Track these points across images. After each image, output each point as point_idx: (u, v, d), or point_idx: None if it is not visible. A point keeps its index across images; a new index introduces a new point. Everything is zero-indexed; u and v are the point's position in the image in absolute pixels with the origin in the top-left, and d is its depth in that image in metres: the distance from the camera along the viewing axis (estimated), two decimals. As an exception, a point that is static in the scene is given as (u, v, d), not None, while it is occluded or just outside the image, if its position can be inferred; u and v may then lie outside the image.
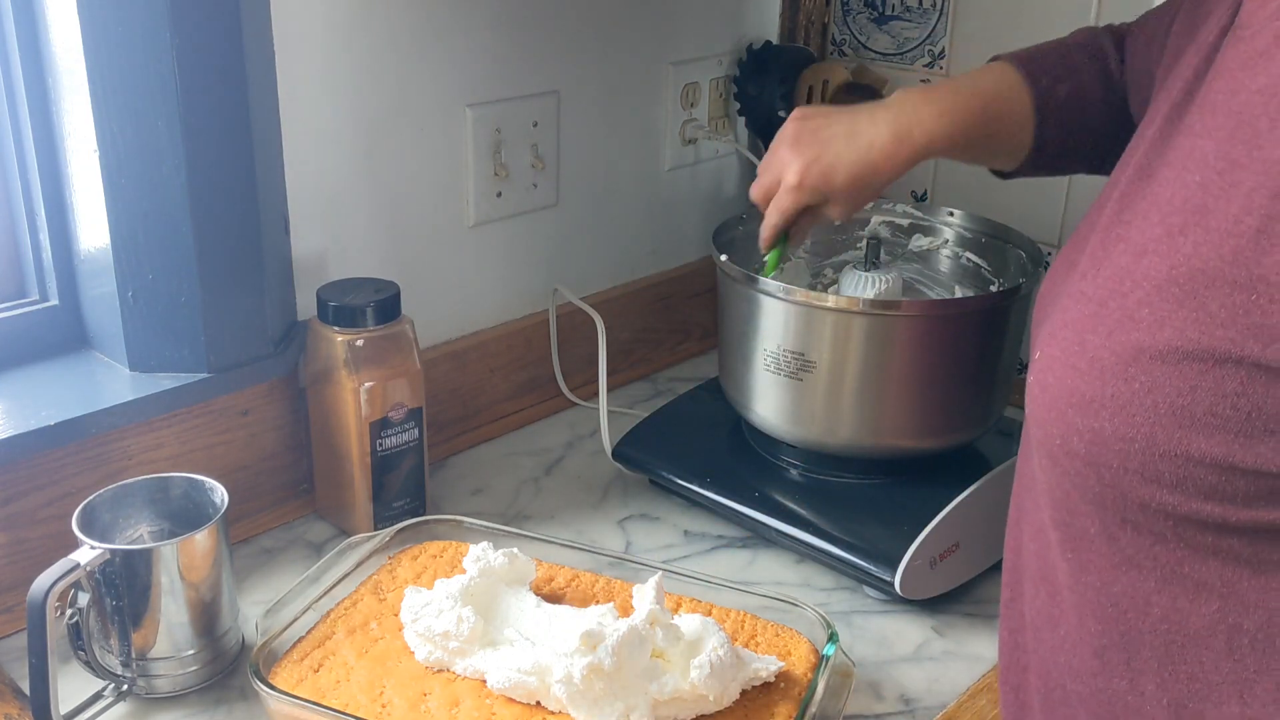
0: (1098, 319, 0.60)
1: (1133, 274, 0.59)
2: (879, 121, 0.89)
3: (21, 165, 0.97)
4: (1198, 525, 0.58)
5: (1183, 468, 0.56)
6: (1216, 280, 0.55)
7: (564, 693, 0.76)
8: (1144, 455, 0.57)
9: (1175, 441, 0.56)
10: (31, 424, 0.89)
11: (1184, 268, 0.56)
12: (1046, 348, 0.64)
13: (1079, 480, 0.62)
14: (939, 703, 0.88)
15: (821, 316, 0.99)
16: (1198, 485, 0.56)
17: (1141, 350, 0.57)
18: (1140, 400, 0.57)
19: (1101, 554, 0.63)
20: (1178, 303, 0.56)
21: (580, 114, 1.25)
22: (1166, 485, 0.57)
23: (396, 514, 1.03)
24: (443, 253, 1.18)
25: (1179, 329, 0.55)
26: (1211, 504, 0.56)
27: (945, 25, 1.34)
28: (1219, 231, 0.55)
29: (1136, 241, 0.60)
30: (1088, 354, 0.60)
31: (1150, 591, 0.61)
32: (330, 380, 0.99)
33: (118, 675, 0.83)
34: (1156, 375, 0.56)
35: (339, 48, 1.03)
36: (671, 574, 0.90)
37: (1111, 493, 0.60)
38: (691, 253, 1.44)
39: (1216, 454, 0.55)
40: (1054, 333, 0.64)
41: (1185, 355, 0.55)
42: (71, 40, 0.89)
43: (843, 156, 0.89)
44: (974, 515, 0.99)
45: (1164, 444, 0.56)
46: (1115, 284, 0.60)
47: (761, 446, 1.10)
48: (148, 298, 0.96)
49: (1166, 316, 0.56)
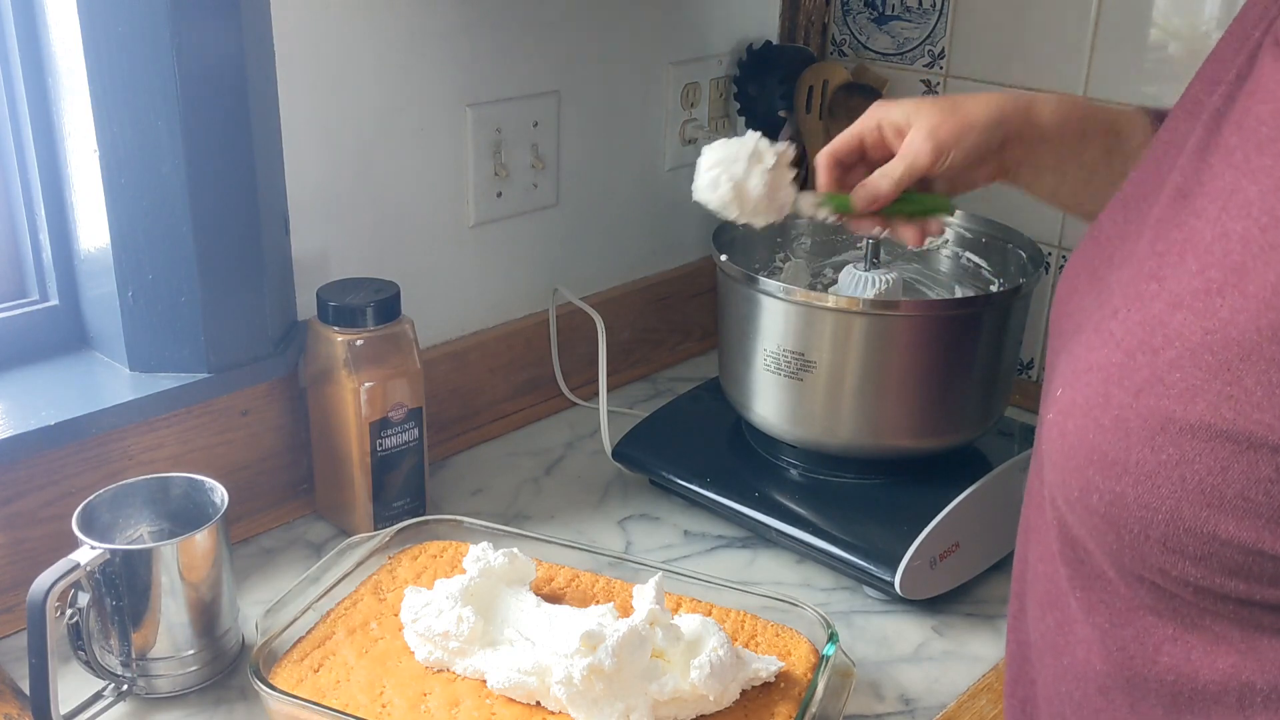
0: (1125, 372, 0.57)
1: (1165, 328, 0.55)
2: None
3: (21, 165, 0.97)
4: (1219, 596, 0.55)
5: (1208, 545, 0.53)
6: (1253, 354, 0.51)
7: (564, 693, 0.76)
8: (1167, 526, 0.54)
9: (1202, 520, 0.53)
10: (31, 424, 0.89)
11: (1220, 334, 0.53)
12: (1068, 389, 0.60)
13: (1095, 533, 0.59)
14: (939, 703, 0.88)
15: (821, 316, 0.99)
16: (1223, 563, 0.53)
17: (1171, 420, 0.54)
18: (1167, 473, 0.54)
19: (1114, 596, 0.60)
20: (1212, 373, 0.53)
21: (580, 114, 1.25)
22: (1190, 558, 0.54)
23: (396, 514, 1.03)
24: (443, 253, 1.18)
25: (1212, 404, 0.52)
26: (1236, 580, 0.53)
27: (945, 25, 1.34)
28: (1258, 300, 0.52)
29: (1172, 290, 0.56)
30: (1112, 410, 0.56)
31: (1162, 640, 0.59)
32: (330, 380, 1.00)
33: (118, 675, 0.83)
34: (1186, 450, 0.53)
35: (339, 48, 1.03)
36: (671, 574, 0.90)
37: (1130, 552, 0.57)
38: (691, 253, 1.44)
39: (1245, 538, 0.52)
40: (1077, 374, 0.60)
41: (1218, 434, 0.52)
42: (71, 40, 0.89)
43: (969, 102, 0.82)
44: (974, 515, 0.99)
45: (1190, 520, 0.53)
46: (1146, 335, 0.56)
47: (761, 446, 1.10)
48: (148, 298, 0.96)
49: (1200, 387, 0.53)
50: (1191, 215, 0.58)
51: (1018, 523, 0.72)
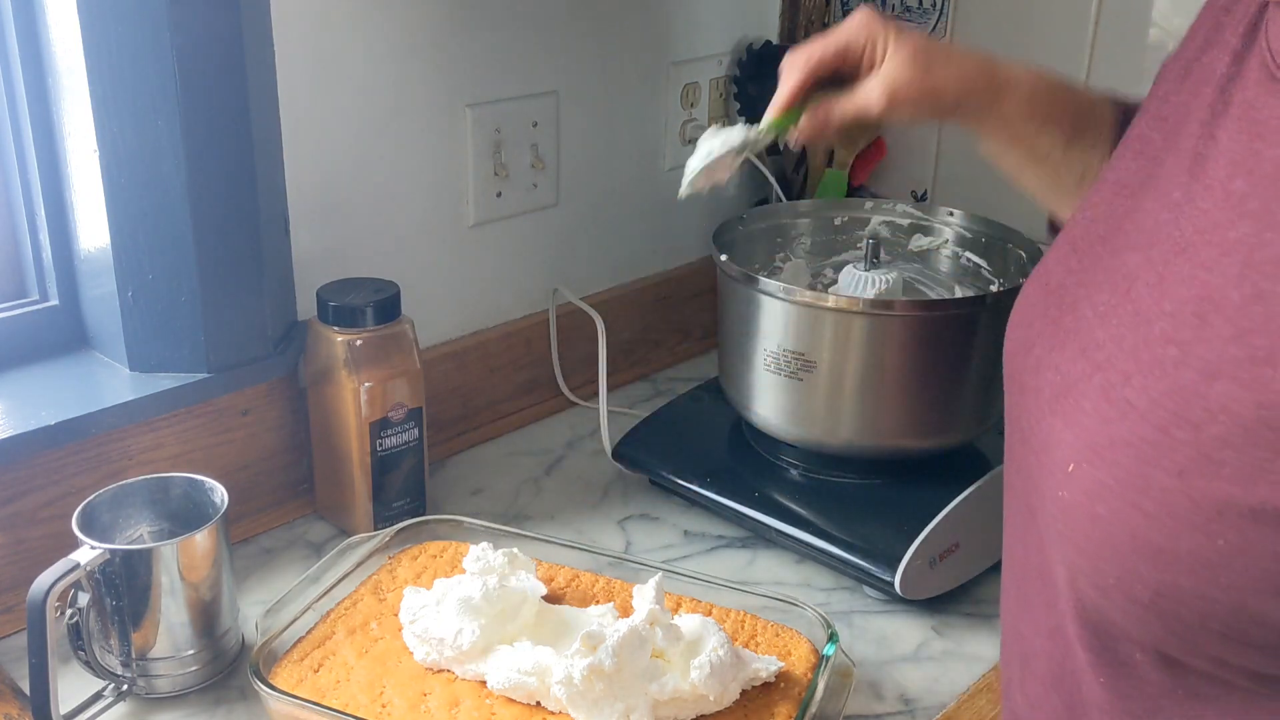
0: (1161, 451, 0.51)
1: (1205, 401, 0.50)
2: None
3: (21, 165, 0.97)
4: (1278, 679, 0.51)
5: (1275, 635, 0.49)
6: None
7: (564, 693, 0.76)
8: (1229, 617, 0.50)
9: (1270, 608, 0.49)
10: (31, 424, 0.89)
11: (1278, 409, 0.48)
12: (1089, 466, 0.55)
13: (1136, 622, 0.54)
14: (939, 703, 0.88)
15: (822, 316, 0.99)
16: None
17: (1230, 505, 0.49)
18: (1228, 562, 0.49)
19: (1151, 683, 0.56)
20: (1273, 451, 0.48)
21: (580, 114, 1.25)
22: (1254, 646, 0.50)
23: (396, 514, 1.03)
24: (443, 253, 1.18)
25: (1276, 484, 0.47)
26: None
27: (945, 25, 1.34)
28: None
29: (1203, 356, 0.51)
30: (1154, 494, 0.51)
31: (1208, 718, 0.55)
32: (330, 380, 1.00)
33: (118, 675, 0.83)
34: (1249, 536, 0.48)
35: (339, 48, 1.03)
36: (671, 574, 0.90)
37: (1178, 642, 0.53)
38: (691, 253, 1.44)
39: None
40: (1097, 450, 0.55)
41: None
42: (71, 40, 0.89)
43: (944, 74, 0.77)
44: (974, 515, 0.99)
45: (1255, 609, 0.49)
46: (1178, 407, 0.51)
47: (761, 446, 1.10)
48: (148, 298, 0.96)
49: (1263, 466, 0.48)
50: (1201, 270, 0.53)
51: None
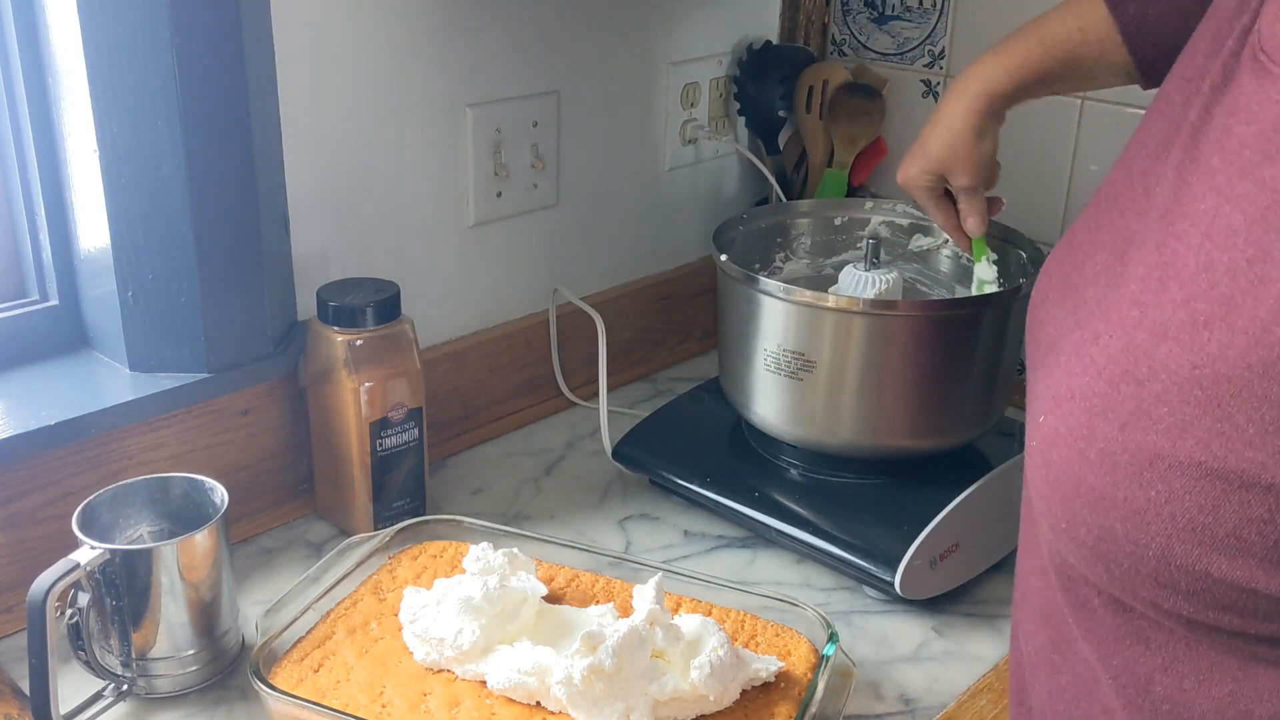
0: (1109, 403, 0.55)
1: (1150, 359, 0.54)
2: (951, 93, 0.94)
3: (21, 165, 0.97)
4: (1212, 628, 0.54)
5: (1200, 582, 0.52)
6: (1244, 392, 0.50)
7: (564, 693, 0.76)
8: (1158, 563, 0.53)
9: (1194, 558, 0.52)
10: (31, 424, 0.89)
11: (1209, 369, 0.51)
12: (1050, 416, 0.59)
13: (1084, 563, 0.58)
14: (939, 703, 0.88)
15: (822, 316, 0.99)
16: (1215, 599, 0.52)
17: (1159, 456, 0.52)
18: (1156, 510, 0.53)
19: (1105, 624, 0.59)
20: (1201, 409, 0.51)
21: (580, 114, 1.25)
22: (1181, 593, 0.53)
23: (396, 514, 1.03)
24: (443, 253, 1.18)
25: (1202, 441, 0.51)
26: (1230, 615, 0.52)
27: (945, 25, 1.34)
28: (1247, 336, 0.50)
29: (1155, 318, 0.54)
30: (1097, 444, 0.55)
31: (1154, 669, 0.58)
32: (330, 380, 0.99)
33: (118, 675, 0.83)
34: (1175, 487, 0.52)
35: (339, 48, 1.03)
36: (671, 574, 0.90)
37: (1120, 585, 0.56)
38: (691, 253, 1.44)
39: (1238, 577, 0.51)
40: (1059, 401, 0.59)
41: (1208, 472, 0.51)
42: (71, 40, 0.89)
43: (929, 136, 0.95)
44: (974, 515, 0.99)
45: (1181, 557, 0.52)
46: (1129, 365, 0.55)
47: (761, 446, 1.10)
48: (148, 298, 0.96)
49: (1189, 423, 0.51)
50: (1172, 238, 0.56)
51: (1018, 524, 0.71)
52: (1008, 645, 0.94)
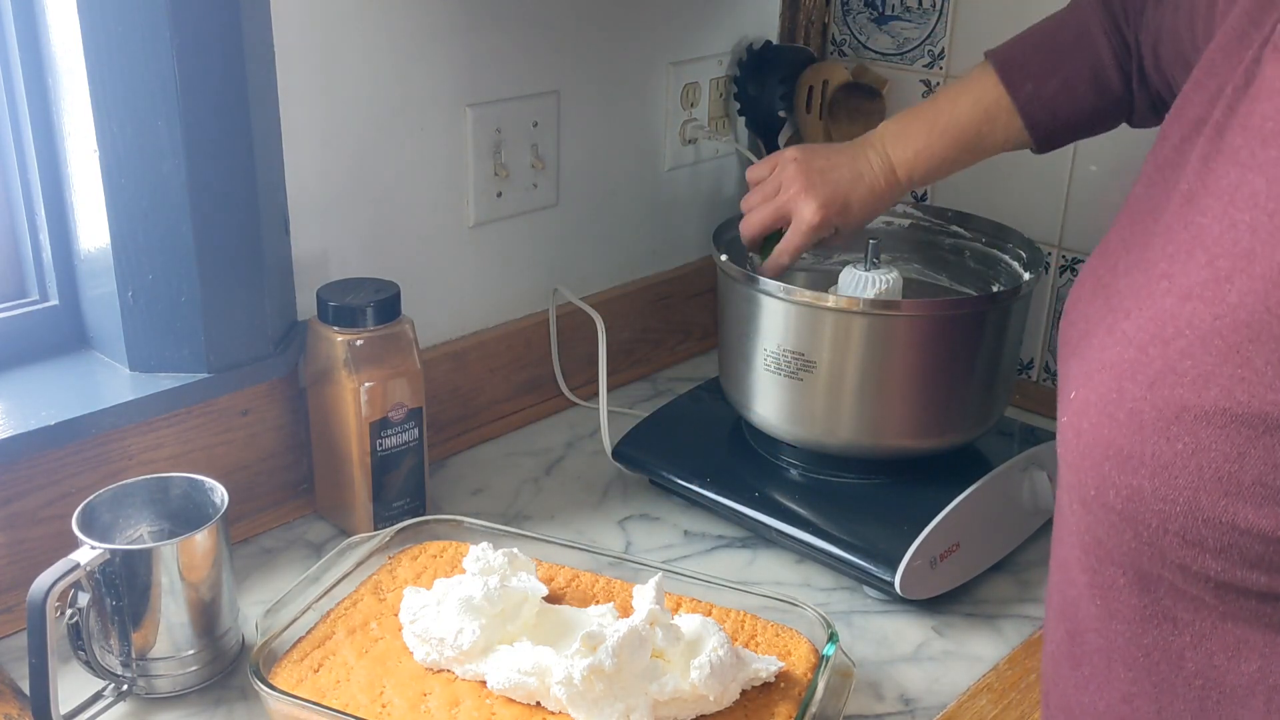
0: (1137, 366, 0.57)
1: (1176, 319, 0.55)
2: (873, 164, 1.00)
3: (21, 165, 0.97)
4: (1240, 591, 0.54)
5: (1228, 535, 0.53)
6: (1263, 335, 0.51)
7: (564, 693, 0.76)
8: (1185, 519, 0.54)
9: (1220, 509, 0.52)
10: (31, 424, 0.89)
11: (1229, 318, 0.53)
12: (1082, 389, 0.60)
13: (1113, 532, 0.59)
14: (939, 703, 0.88)
15: (821, 316, 0.99)
16: (1243, 554, 0.53)
17: (1185, 409, 0.53)
18: (1183, 462, 0.53)
19: (1131, 605, 0.60)
20: (1222, 357, 0.52)
21: (580, 114, 1.25)
22: (1209, 550, 0.54)
23: (396, 514, 1.03)
24: (443, 253, 1.18)
25: (1225, 388, 0.52)
26: (1257, 573, 0.53)
27: (945, 25, 1.34)
28: (1265, 280, 0.52)
29: (1181, 283, 0.56)
30: (1126, 405, 0.56)
31: (1184, 647, 0.58)
32: (330, 380, 1.00)
33: (118, 675, 0.83)
34: (1201, 437, 0.53)
35: (339, 48, 1.03)
36: (671, 574, 0.90)
37: (1148, 550, 0.57)
38: (691, 253, 1.44)
39: (1265, 526, 0.51)
40: (1089, 374, 0.60)
41: (1233, 419, 0.52)
42: (71, 40, 0.89)
43: (853, 197, 1.00)
44: (974, 515, 0.99)
45: (1208, 510, 0.53)
46: (1157, 328, 0.56)
47: (761, 446, 1.10)
48: (148, 298, 0.96)
49: (1212, 372, 0.53)
50: (1198, 214, 0.58)
51: (1018, 523, 0.71)
52: (1008, 645, 0.94)
